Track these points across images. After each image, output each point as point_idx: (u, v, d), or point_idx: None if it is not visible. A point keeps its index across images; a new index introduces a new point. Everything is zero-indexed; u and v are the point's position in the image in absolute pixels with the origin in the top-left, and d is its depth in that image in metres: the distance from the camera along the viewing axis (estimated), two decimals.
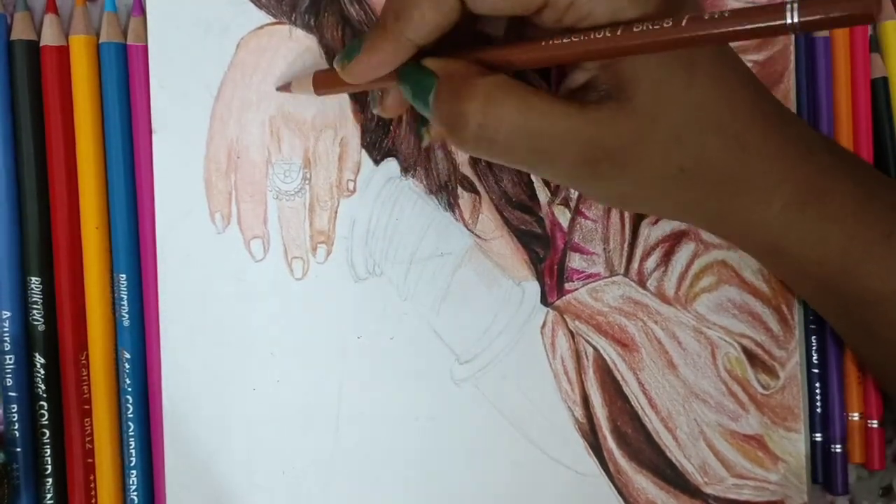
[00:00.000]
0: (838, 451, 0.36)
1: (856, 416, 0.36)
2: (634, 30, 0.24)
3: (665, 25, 0.23)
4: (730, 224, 0.31)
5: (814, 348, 0.36)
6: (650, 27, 0.24)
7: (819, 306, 0.35)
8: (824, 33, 0.36)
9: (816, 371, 0.36)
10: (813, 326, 0.36)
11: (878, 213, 0.31)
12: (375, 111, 0.32)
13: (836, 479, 0.36)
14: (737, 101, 0.29)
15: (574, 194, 0.36)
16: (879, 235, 0.31)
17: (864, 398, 0.36)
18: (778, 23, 0.20)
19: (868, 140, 0.36)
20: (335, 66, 0.29)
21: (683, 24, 0.23)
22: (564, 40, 0.25)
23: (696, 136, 0.28)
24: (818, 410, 0.36)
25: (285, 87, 0.34)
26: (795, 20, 0.19)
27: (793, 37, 0.36)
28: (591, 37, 0.25)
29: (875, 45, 0.37)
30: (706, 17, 0.22)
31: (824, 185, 0.30)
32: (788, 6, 0.20)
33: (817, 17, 0.19)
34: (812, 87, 0.36)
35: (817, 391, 0.36)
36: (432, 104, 0.27)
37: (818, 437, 0.36)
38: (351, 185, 0.35)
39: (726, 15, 0.22)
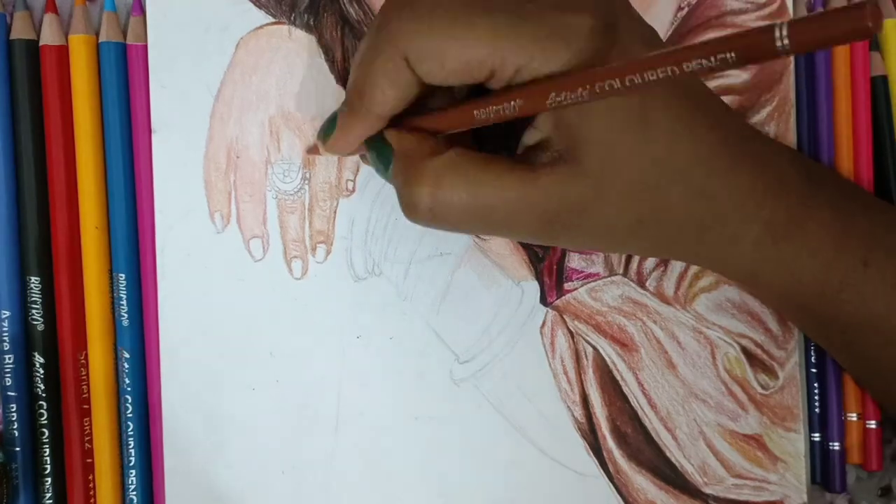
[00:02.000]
0: (836, 448, 0.36)
1: (854, 417, 0.36)
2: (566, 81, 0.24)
3: (608, 70, 0.22)
4: (699, 259, 0.31)
5: (812, 348, 0.36)
6: (590, 74, 0.23)
7: (801, 328, 0.35)
8: None
9: (815, 371, 0.36)
10: None
11: (856, 241, 0.30)
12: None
13: (835, 478, 0.36)
14: (701, 148, 0.28)
15: None
16: (856, 263, 0.30)
17: (862, 398, 0.36)
18: (766, 48, 0.18)
19: (868, 139, 0.36)
20: (317, 141, 0.31)
21: (626, 67, 0.21)
22: (485, 108, 0.26)
23: (653, 189, 0.28)
24: (816, 410, 0.36)
25: (314, 150, 0.34)
26: (785, 44, 0.17)
27: None
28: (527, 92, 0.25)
29: (875, 43, 0.37)
30: (662, 53, 0.20)
31: (799, 219, 0.30)
32: (777, 29, 0.17)
33: (809, 39, 0.17)
34: (811, 86, 0.36)
35: (815, 391, 0.36)
36: (391, 178, 0.29)
37: (816, 437, 0.36)
38: (350, 185, 0.35)
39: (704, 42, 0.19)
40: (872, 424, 0.36)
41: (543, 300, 0.35)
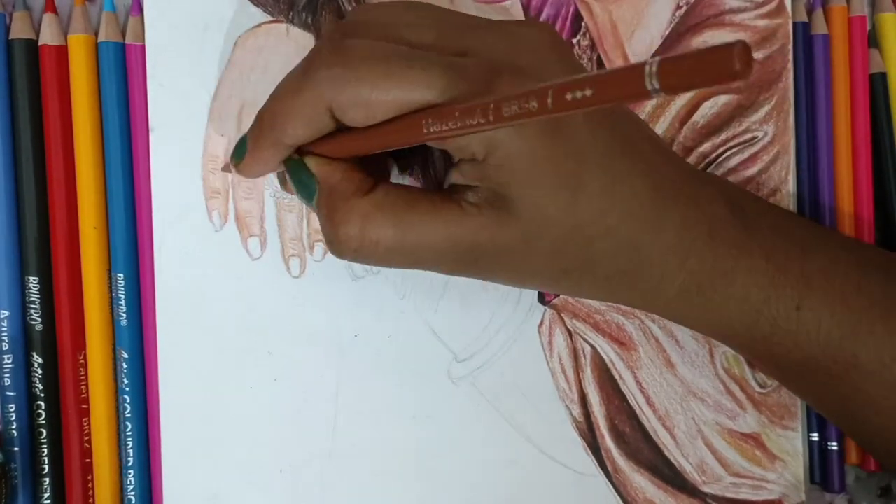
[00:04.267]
0: (834, 448, 0.35)
1: None
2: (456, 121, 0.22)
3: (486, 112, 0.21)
4: (627, 303, 0.31)
5: None
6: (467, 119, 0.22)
7: (746, 361, 0.35)
8: (822, 31, 0.36)
9: None
10: None
11: (789, 286, 0.30)
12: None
13: (833, 478, 0.35)
14: (633, 203, 0.28)
15: None
16: (789, 309, 0.30)
17: None
18: (638, 89, 0.17)
19: (866, 136, 0.36)
20: (230, 162, 0.30)
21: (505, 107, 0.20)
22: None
23: (580, 246, 0.28)
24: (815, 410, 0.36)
25: (227, 169, 0.33)
26: (656, 86, 0.17)
27: (791, 35, 0.36)
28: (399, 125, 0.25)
29: (874, 40, 0.37)
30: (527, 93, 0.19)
31: (726, 269, 0.29)
32: (647, 67, 0.17)
33: (676, 81, 0.17)
34: (810, 85, 0.36)
35: None
36: (314, 209, 0.28)
37: (814, 437, 0.36)
38: None
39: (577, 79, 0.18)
40: None
41: (541, 299, 0.35)
